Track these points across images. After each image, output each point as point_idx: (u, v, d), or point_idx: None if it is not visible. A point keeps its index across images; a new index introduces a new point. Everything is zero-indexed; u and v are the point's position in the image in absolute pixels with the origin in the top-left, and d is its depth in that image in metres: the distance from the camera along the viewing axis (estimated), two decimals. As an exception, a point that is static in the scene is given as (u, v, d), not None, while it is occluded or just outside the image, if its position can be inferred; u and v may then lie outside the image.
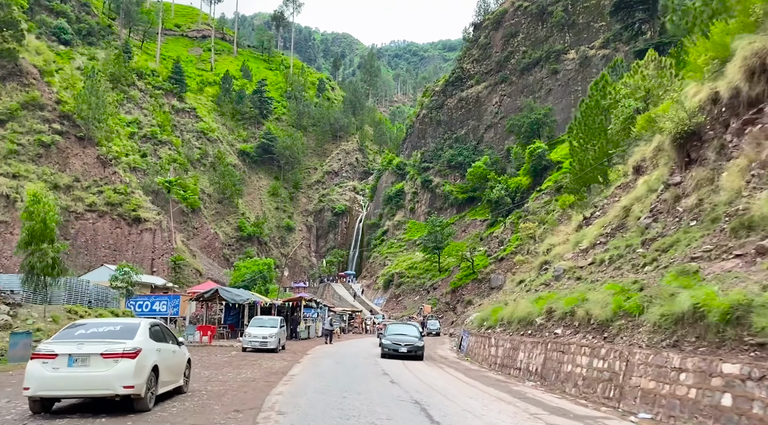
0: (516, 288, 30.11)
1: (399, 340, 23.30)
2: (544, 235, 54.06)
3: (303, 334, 35.32)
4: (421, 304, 70.73)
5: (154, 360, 9.94)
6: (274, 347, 24.30)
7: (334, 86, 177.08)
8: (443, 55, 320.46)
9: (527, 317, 15.91)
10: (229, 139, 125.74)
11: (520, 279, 32.05)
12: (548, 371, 12.97)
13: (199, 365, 17.56)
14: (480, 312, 29.10)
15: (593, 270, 16.22)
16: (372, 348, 29.13)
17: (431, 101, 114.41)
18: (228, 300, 29.03)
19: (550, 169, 72.90)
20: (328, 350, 27.18)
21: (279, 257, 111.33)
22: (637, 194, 17.70)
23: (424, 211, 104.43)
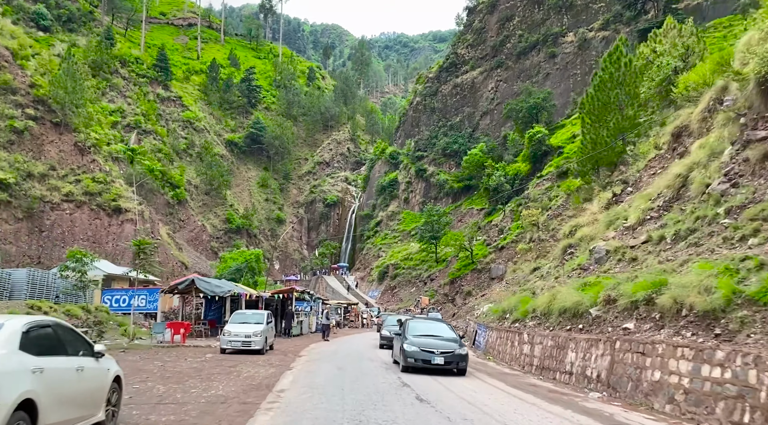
0: (531, 276, 27.17)
1: (431, 345, 15.56)
2: (549, 222, 51.37)
3: (295, 330, 31.75)
4: (418, 296, 67.81)
5: (23, 389, 5.75)
6: (260, 347, 20.67)
7: (325, 75, 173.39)
8: (434, 46, 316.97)
9: (575, 307, 12.90)
10: (217, 129, 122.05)
11: (534, 267, 29.15)
12: (619, 378, 9.90)
13: (157, 375, 14.02)
14: (494, 303, 26.21)
15: (651, 249, 13.31)
16: (374, 344, 26.49)
17: (425, 88, 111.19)
18: (206, 292, 24.95)
19: (551, 154, 70.09)
20: (325, 349, 23.92)
21: (269, 249, 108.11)
22: (693, 160, 14.76)
23: (418, 201, 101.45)
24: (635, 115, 34.11)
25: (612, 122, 34.44)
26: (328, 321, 30.74)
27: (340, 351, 22.62)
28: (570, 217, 44.85)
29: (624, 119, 33.75)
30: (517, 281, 29.77)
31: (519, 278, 29.99)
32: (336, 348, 24.39)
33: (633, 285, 10.77)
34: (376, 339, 29.64)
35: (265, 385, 12.83)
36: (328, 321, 30.22)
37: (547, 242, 45.59)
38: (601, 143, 35.12)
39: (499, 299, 25.81)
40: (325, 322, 29.71)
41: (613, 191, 22.33)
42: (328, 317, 29.63)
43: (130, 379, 12.27)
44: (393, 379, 14.22)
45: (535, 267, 27.92)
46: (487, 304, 26.75)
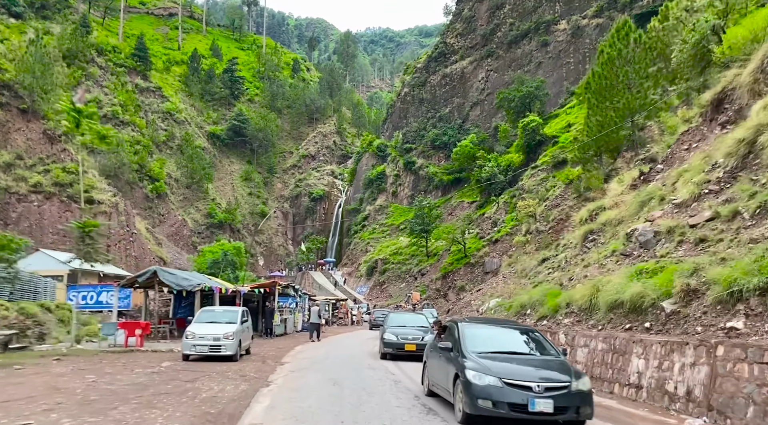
0: (541, 268, 24.53)
1: (520, 375, 8.66)
2: (548, 212, 48.89)
3: (278, 329, 28.04)
4: (408, 291, 65.17)
5: None
6: (232, 352, 16.72)
7: (310, 67, 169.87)
8: (420, 41, 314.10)
9: (636, 300, 10.14)
10: (198, 120, 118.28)
11: (542, 257, 26.52)
12: (731, 399, 7.06)
13: (74, 399, 9.81)
14: (502, 298, 23.54)
15: (723, 227, 10.68)
16: (371, 345, 23.12)
17: (413, 78, 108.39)
18: (170, 285, 21.09)
19: (545, 144, 67.72)
20: (313, 353, 19.72)
21: (253, 245, 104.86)
22: (760, 122, 12.13)
23: (407, 194, 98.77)
24: (645, 94, 31.63)
25: (621, 101, 31.90)
26: (320, 319, 26.51)
27: (332, 356, 18.94)
28: (584, 202, 42.36)
29: (635, 97, 31.22)
30: (522, 274, 27.12)
31: (525, 271, 27.33)
32: (326, 352, 20.39)
33: (730, 269, 8.14)
34: (372, 339, 26.67)
35: (229, 415, 8.94)
36: (319, 320, 26.14)
37: (546, 234, 43.09)
38: (609, 125, 32.57)
39: (508, 293, 23.10)
40: (316, 321, 25.67)
41: (640, 170, 19.72)
42: (320, 315, 26.37)
43: (26, 407, 8.87)
44: (408, 398, 10.61)
45: (543, 258, 25.27)
46: (494, 299, 24.06)
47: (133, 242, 55.95)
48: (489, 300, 24.77)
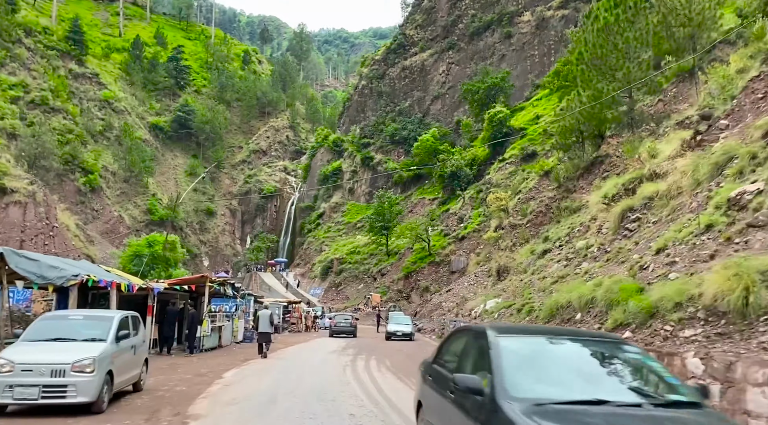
0: (543, 262, 19.86)
1: None
2: (523, 206, 44.72)
3: (209, 342, 20.80)
4: (368, 293, 60.09)
5: None
6: (88, 398, 9.21)
7: (262, 60, 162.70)
8: (374, 42, 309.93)
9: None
10: (139, 111, 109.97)
11: (544, 249, 21.88)
12: None
13: None
14: (500, 298, 18.78)
15: None
16: (342, 363, 17.00)
17: (371, 71, 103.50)
18: (28, 276, 12.62)
19: (512, 137, 63.91)
20: (254, 387, 12.28)
21: (198, 244, 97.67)
22: None
23: (364, 191, 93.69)
24: (648, 63, 27.58)
25: (622, 71, 27.71)
26: (272, 326, 20.06)
27: (285, 392, 11.50)
28: (565, 192, 38.30)
29: (641, 67, 27.06)
30: (519, 270, 22.43)
31: (521, 267, 22.68)
32: (275, 383, 12.65)
33: None
34: (339, 353, 21.37)
35: None
36: (269, 328, 19.52)
37: (524, 228, 38.85)
38: (606, 99, 28.31)
39: (512, 292, 18.32)
40: (266, 329, 19.23)
41: (695, 131, 15.27)
42: (271, 322, 19.81)
43: None
44: None
45: (544, 249, 20.68)
46: (492, 299, 19.25)
47: (54, 237, 48.85)
48: (485, 301, 19.93)
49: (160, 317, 19.00)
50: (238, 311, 25.43)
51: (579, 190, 37.82)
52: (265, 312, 19.66)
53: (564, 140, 37.99)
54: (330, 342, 29.07)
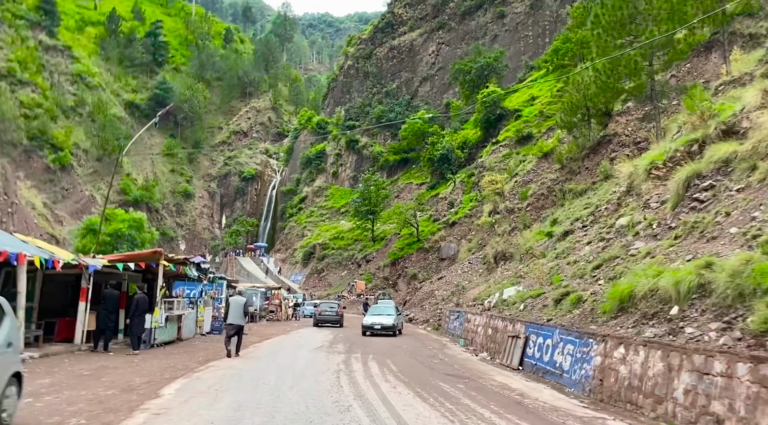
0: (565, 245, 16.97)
1: None
2: (521, 189, 42.02)
3: (163, 334, 16.78)
4: (351, 280, 57.13)
5: None
6: None
7: (244, 39, 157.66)
8: (360, 27, 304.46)
9: None
10: (114, 87, 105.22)
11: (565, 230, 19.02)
12: None
13: None
14: (523, 286, 15.92)
15: None
16: (340, 366, 13.35)
17: (357, 50, 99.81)
18: None
19: (506, 119, 61.10)
20: (209, 415, 7.87)
21: (174, 227, 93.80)
22: None
23: (349, 175, 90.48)
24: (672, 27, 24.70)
25: (644, 36, 24.81)
26: (245, 317, 15.88)
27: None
28: (568, 174, 35.60)
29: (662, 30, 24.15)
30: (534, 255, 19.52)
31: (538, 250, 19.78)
32: (241, 402, 8.85)
33: None
34: (324, 348, 17.88)
35: None
36: (242, 320, 15.43)
37: (525, 211, 36.10)
38: (626, 66, 25.43)
39: (536, 278, 15.41)
40: (236, 321, 15.14)
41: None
42: (245, 312, 15.87)
43: None
44: None
45: (565, 231, 17.84)
46: (511, 287, 16.35)
47: (13, 215, 45.05)
48: (500, 290, 17.01)
49: (98, 302, 15.45)
50: (204, 297, 21.86)
51: (584, 171, 35.19)
52: (239, 299, 15.54)
53: (569, 117, 35.14)
54: (314, 333, 25.82)
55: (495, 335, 15.38)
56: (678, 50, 25.54)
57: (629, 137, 33.61)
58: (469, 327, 18.90)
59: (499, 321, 14.95)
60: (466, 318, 19.75)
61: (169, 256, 16.11)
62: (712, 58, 33.97)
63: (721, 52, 31.25)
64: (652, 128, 31.79)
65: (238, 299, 15.67)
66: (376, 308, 27.31)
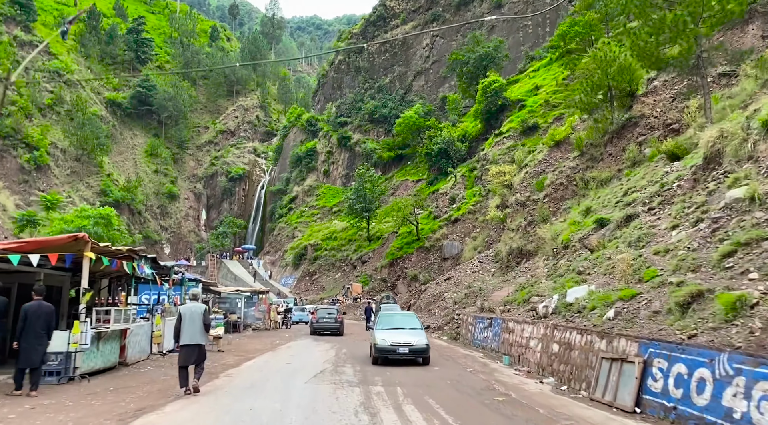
0: (640, 231, 13.34)
1: None
2: (537, 181, 38.49)
3: (92, 360, 12.00)
4: (346, 283, 53.35)
5: None
6: None
7: (230, 37, 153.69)
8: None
9: None
10: (95, 85, 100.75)
11: (623, 215, 15.41)
12: None
13: None
14: (596, 285, 12.20)
15: None
16: (362, 418, 8.35)
17: (348, 45, 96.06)
18: None
19: (508, 110, 57.70)
20: None
21: (158, 230, 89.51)
22: None
23: (341, 173, 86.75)
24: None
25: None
26: (204, 336, 10.76)
27: None
28: (589, 161, 32.15)
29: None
30: (591, 245, 15.84)
31: (591, 243, 16.11)
32: None
33: None
34: (328, 378, 12.85)
35: None
36: (205, 337, 10.76)
37: (542, 203, 32.52)
38: (672, 28, 21.89)
39: (621, 274, 11.54)
40: (193, 341, 10.41)
41: None
42: (207, 324, 10.72)
43: None
44: None
45: (627, 215, 14.24)
46: (574, 287, 12.38)
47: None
48: (560, 291, 13.05)
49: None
50: (168, 303, 17.28)
51: (607, 158, 31.73)
52: (195, 308, 10.63)
53: (589, 97, 31.66)
54: (309, 347, 21.61)
55: (568, 354, 11.36)
56: (727, 11, 22.09)
57: (658, 118, 30.20)
58: (513, 340, 14.78)
59: (575, 334, 10.85)
60: (506, 327, 15.80)
61: (101, 245, 11.92)
62: (749, 29, 30.68)
63: (763, 22, 27.97)
64: (685, 108, 28.47)
65: (193, 308, 10.55)
66: (388, 318, 17.64)
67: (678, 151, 21.66)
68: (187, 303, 11.26)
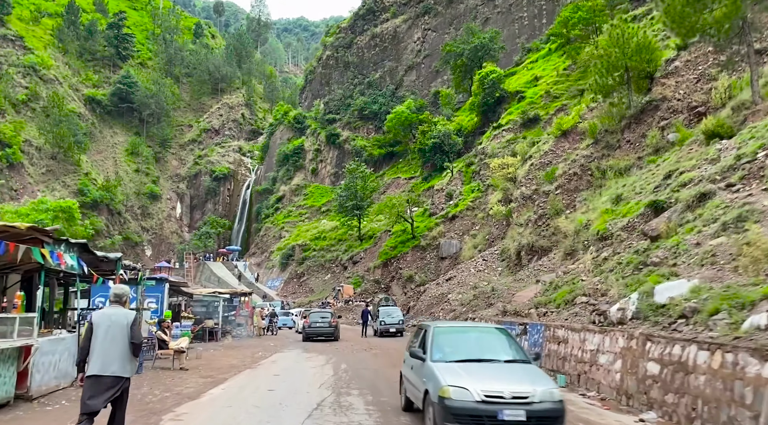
0: (730, 212, 10.45)
1: None
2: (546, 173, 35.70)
3: None
4: (337, 284, 50.25)
5: None
6: None
7: (215, 34, 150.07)
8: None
9: None
10: (73, 81, 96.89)
11: (696, 192, 12.55)
12: None
13: None
14: (701, 279, 9.22)
15: None
16: None
17: (337, 39, 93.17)
18: None
19: (506, 102, 55.04)
20: None
21: (139, 231, 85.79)
22: None
23: (329, 172, 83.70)
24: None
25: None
26: (136, 355, 6.43)
27: None
28: (605, 149, 29.43)
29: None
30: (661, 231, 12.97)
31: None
32: None
33: None
34: (329, 410, 9.52)
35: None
36: (131, 363, 6.38)
37: (554, 195, 29.69)
38: None
39: (752, 267, 8.46)
40: (109, 371, 6.11)
41: None
42: (136, 342, 6.35)
43: None
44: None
45: (701, 194, 11.41)
46: (679, 281, 9.24)
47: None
48: (637, 289, 9.86)
49: None
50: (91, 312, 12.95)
51: (625, 145, 29.01)
52: (114, 317, 6.42)
53: (605, 79, 28.91)
54: (298, 361, 17.89)
55: (684, 379, 7.82)
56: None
57: (682, 101, 27.55)
58: (567, 353, 11.27)
59: (696, 350, 7.55)
60: (552, 336, 12.81)
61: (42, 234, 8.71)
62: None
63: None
64: (712, 89, 25.84)
65: (114, 316, 6.44)
66: (456, 337, 8.69)
67: (721, 130, 19.05)
68: (105, 309, 6.90)
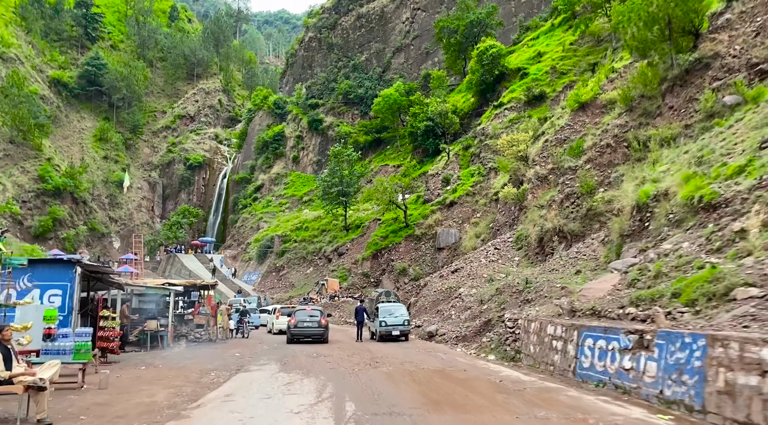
0: None
1: None
2: (552, 149, 31.18)
3: None
4: (321, 278, 45.28)
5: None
6: None
7: (192, 18, 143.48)
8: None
9: None
10: (37, 62, 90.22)
11: None
12: None
13: None
14: None
15: None
16: None
17: (320, 20, 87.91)
18: None
19: (507, 80, 50.50)
20: None
21: (107, 222, 79.83)
22: None
23: (312, 160, 78.61)
24: None
25: None
26: None
27: None
28: (641, 117, 24.93)
29: None
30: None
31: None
32: None
33: None
34: None
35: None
36: None
37: (583, 170, 25.10)
38: None
39: None
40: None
41: None
42: None
43: None
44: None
45: None
46: None
47: None
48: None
49: None
50: None
51: (667, 112, 24.49)
52: None
53: (643, 33, 24.34)
54: (275, 400, 10.37)
55: None
56: None
57: (739, 58, 23.17)
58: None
59: None
60: (731, 358, 7.68)
61: None
62: None
63: None
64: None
65: None
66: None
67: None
68: None
